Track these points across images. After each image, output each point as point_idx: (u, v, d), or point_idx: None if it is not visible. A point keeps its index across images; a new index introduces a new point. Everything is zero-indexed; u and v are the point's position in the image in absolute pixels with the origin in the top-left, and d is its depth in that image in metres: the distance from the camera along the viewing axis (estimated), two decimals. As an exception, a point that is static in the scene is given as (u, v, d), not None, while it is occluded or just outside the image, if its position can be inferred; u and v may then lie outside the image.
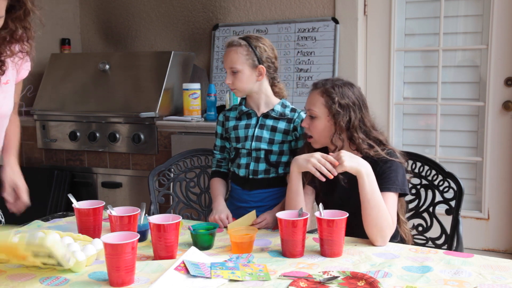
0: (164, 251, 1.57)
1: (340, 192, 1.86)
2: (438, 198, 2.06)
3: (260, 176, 2.10)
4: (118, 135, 3.42)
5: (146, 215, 1.79)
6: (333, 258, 1.57)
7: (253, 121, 2.11)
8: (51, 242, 1.33)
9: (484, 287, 1.35)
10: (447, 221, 2.03)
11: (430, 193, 2.09)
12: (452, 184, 2.02)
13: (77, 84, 3.63)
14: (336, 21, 3.36)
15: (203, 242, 1.68)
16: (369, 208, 1.69)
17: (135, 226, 1.71)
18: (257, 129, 2.09)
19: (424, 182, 2.10)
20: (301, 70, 3.45)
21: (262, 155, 2.08)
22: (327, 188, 1.89)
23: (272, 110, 2.09)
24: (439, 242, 2.05)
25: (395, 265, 1.51)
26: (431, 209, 2.07)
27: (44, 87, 3.68)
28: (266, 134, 2.08)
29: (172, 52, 3.46)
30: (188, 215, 2.32)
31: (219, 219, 1.96)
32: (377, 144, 1.85)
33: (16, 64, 1.74)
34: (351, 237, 1.73)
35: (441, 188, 2.05)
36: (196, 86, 3.34)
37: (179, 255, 1.59)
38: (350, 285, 1.37)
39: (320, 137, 1.89)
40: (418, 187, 2.11)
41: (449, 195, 2.04)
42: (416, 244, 2.04)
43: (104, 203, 1.79)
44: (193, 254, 1.57)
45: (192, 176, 2.43)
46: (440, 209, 2.05)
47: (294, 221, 1.58)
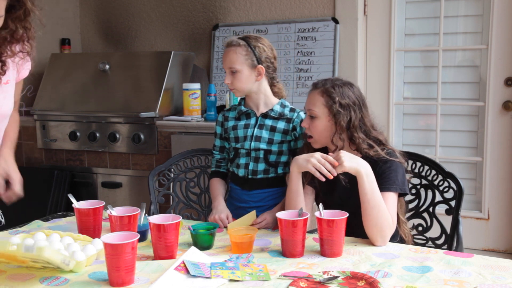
0: (164, 251, 1.57)
1: (340, 192, 1.86)
2: (438, 198, 2.06)
3: (259, 176, 2.09)
4: (118, 135, 3.42)
5: (146, 215, 1.79)
6: (333, 258, 1.57)
7: (252, 121, 2.11)
8: (48, 254, 1.34)
9: (484, 287, 1.35)
10: (447, 221, 2.03)
11: (430, 193, 2.09)
12: (452, 184, 2.02)
13: (77, 84, 3.63)
14: (336, 21, 3.36)
15: (203, 242, 1.68)
16: (369, 208, 1.69)
17: (135, 226, 1.70)
18: (256, 129, 2.09)
19: (424, 182, 2.10)
20: (301, 70, 3.45)
21: (261, 155, 2.08)
22: (327, 188, 1.89)
23: (271, 110, 2.09)
24: (439, 242, 2.05)
25: (395, 265, 1.51)
26: (431, 209, 2.07)
27: (44, 87, 3.68)
28: (265, 134, 2.08)
29: (172, 52, 3.46)
30: (188, 215, 2.32)
31: (219, 219, 1.96)
32: (377, 144, 1.85)
33: (17, 64, 1.74)
34: (351, 237, 1.73)
35: (441, 188, 2.05)
36: (196, 86, 3.34)
37: (179, 255, 1.59)
38: (350, 285, 1.37)
39: (320, 137, 1.89)
40: (418, 187, 2.11)
41: (449, 195, 2.04)
42: (416, 244, 2.04)
43: (104, 203, 1.79)
44: (193, 254, 1.56)
45: (192, 176, 2.43)
46: (440, 209, 2.05)
47: (294, 221, 1.58)
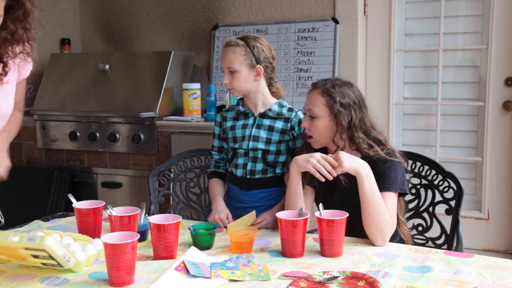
0: (164, 251, 1.57)
1: (340, 192, 1.86)
2: (438, 198, 2.06)
3: (257, 176, 2.09)
4: (118, 135, 3.42)
5: (146, 215, 1.79)
6: (333, 258, 1.57)
7: (250, 121, 2.11)
8: (50, 243, 1.33)
9: (484, 287, 1.35)
10: (447, 221, 2.03)
11: (430, 193, 2.09)
12: (452, 184, 2.02)
13: (77, 84, 3.63)
14: (336, 21, 3.36)
15: (203, 242, 1.68)
16: (368, 208, 1.69)
17: (135, 226, 1.70)
18: (254, 129, 2.09)
19: (424, 182, 2.10)
20: (301, 70, 3.45)
21: (259, 155, 2.08)
22: (326, 188, 1.89)
23: (269, 109, 2.08)
24: (439, 242, 2.05)
25: (395, 265, 1.51)
26: (431, 209, 2.07)
27: (44, 87, 3.68)
28: (263, 134, 2.07)
29: (172, 52, 3.46)
30: (188, 215, 2.32)
31: (218, 219, 1.96)
32: (376, 144, 1.85)
33: (18, 65, 1.74)
34: (351, 237, 1.73)
35: (441, 188, 2.05)
36: (196, 86, 3.34)
37: (179, 255, 1.59)
38: (350, 285, 1.37)
39: (320, 137, 1.89)
40: (418, 187, 2.11)
41: (449, 195, 2.04)
42: (416, 244, 2.04)
43: (104, 203, 1.79)
44: (193, 254, 1.57)
45: (192, 176, 2.43)
46: (440, 209, 2.05)
47: (294, 221, 1.58)
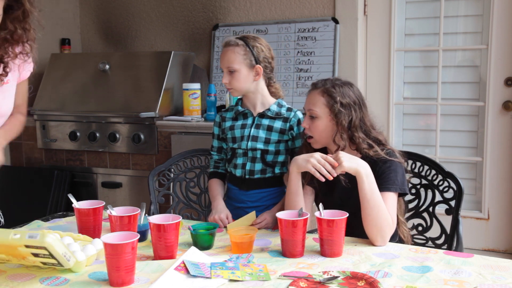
0: (164, 251, 1.57)
1: (339, 192, 1.86)
2: (438, 198, 2.06)
3: (256, 176, 2.09)
4: (118, 135, 3.42)
5: (146, 215, 1.79)
6: (333, 258, 1.57)
7: (249, 121, 2.11)
8: (52, 239, 1.33)
9: (484, 287, 1.35)
10: (447, 221, 2.03)
11: (430, 193, 2.09)
12: (452, 184, 2.02)
13: (77, 84, 3.63)
14: (336, 21, 3.36)
15: (203, 242, 1.68)
16: (368, 208, 1.69)
17: (135, 226, 1.70)
18: (253, 129, 2.09)
19: (424, 182, 2.10)
20: (301, 70, 3.44)
21: (258, 155, 2.08)
22: (326, 188, 1.88)
23: (268, 109, 2.08)
24: (439, 242, 2.05)
25: (395, 265, 1.51)
26: (431, 209, 2.07)
27: (44, 87, 3.68)
28: (262, 134, 2.07)
29: (172, 52, 3.46)
30: (188, 215, 2.32)
31: (218, 219, 1.96)
32: (376, 144, 1.85)
33: (18, 66, 1.74)
34: (351, 237, 1.73)
35: (441, 188, 2.05)
36: (196, 86, 3.34)
37: (179, 255, 1.59)
38: (350, 285, 1.37)
39: (321, 137, 1.89)
40: (418, 187, 2.11)
41: (449, 195, 2.04)
42: (416, 244, 2.04)
43: (104, 203, 1.79)
44: (193, 254, 1.57)
45: (192, 176, 2.43)
46: (440, 209, 2.05)
47: (294, 221, 1.58)
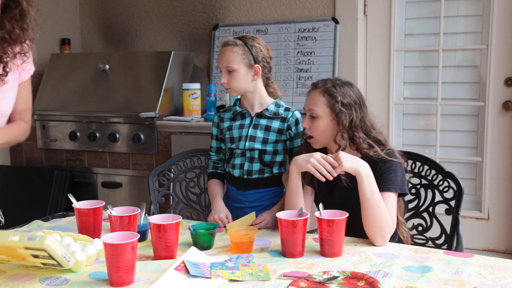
0: (164, 251, 1.57)
1: (339, 192, 1.86)
2: (438, 198, 2.06)
3: (254, 176, 2.09)
4: (118, 135, 3.42)
5: (146, 215, 1.79)
6: (333, 258, 1.57)
7: (247, 121, 2.11)
8: (51, 241, 1.33)
9: (484, 287, 1.35)
10: (447, 221, 2.03)
11: (430, 193, 2.09)
12: (452, 184, 2.02)
13: (77, 84, 3.63)
14: (336, 21, 3.36)
15: (203, 242, 1.68)
16: (368, 208, 1.69)
17: (135, 226, 1.70)
18: (251, 129, 2.09)
19: (424, 182, 2.10)
20: (301, 70, 3.44)
21: (256, 155, 2.08)
22: (326, 188, 1.88)
23: (266, 109, 2.08)
24: (439, 242, 2.05)
25: (395, 265, 1.51)
26: (431, 209, 2.07)
27: (44, 87, 3.68)
28: (260, 134, 2.07)
29: (172, 52, 3.46)
30: (188, 215, 2.32)
31: (218, 219, 1.96)
32: (376, 144, 1.85)
33: (18, 66, 1.74)
34: (351, 237, 1.73)
35: (441, 188, 2.05)
36: (196, 86, 3.34)
37: (179, 255, 1.59)
38: (350, 285, 1.37)
39: (321, 137, 1.89)
40: (418, 187, 2.11)
41: (449, 195, 2.04)
42: (415, 244, 2.04)
43: (104, 203, 1.79)
44: (193, 254, 1.57)
45: (192, 176, 2.43)
46: (440, 209, 2.05)
47: (294, 221, 1.58)
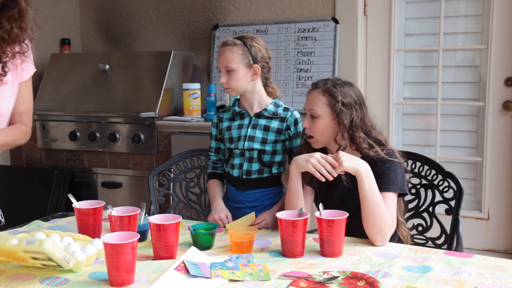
0: (164, 251, 1.57)
1: (339, 193, 1.86)
2: (438, 198, 2.06)
3: (253, 176, 2.09)
4: (118, 135, 3.42)
5: (146, 215, 1.79)
6: (333, 258, 1.57)
7: (246, 121, 2.11)
8: (49, 246, 1.33)
9: (484, 287, 1.35)
10: (447, 221, 2.03)
11: (430, 193, 2.09)
12: (452, 184, 2.02)
13: (77, 84, 3.63)
14: (336, 21, 3.36)
15: (203, 242, 1.68)
16: (368, 208, 1.69)
17: (135, 226, 1.70)
18: (250, 129, 2.09)
19: (424, 182, 2.10)
20: (301, 70, 3.44)
21: (255, 155, 2.08)
22: (326, 189, 1.88)
23: (265, 109, 2.08)
24: (439, 242, 2.05)
25: (395, 265, 1.51)
26: (431, 209, 2.07)
27: (44, 87, 3.68)
28: (259, 134, 2.07)
29: (172, 52, 3.46)
30: (188, 215, 2.32)
31: (218, 219, 1.96)
32: (376, 144, 1.85)
33: (18, 66, 1.74)
34: (351, 237, 1.73)
35: (441, 188, 2.05)
36: (196, 86, 3.34)
37: (179, 255, 1.59)
38: (350, 285, 1.37)
39: (321, 137, 1.88)
40: (418, 187, 2.11)
41: (449, 195, 2.04)
42: (415, 244, 2.04)
43: (104, 203, 1.79)
44: (193, 254, 1.57)
45: (192, 176, 2.43)
46: (440, 209, 2.05)
47: (294, 221, 1.58)
